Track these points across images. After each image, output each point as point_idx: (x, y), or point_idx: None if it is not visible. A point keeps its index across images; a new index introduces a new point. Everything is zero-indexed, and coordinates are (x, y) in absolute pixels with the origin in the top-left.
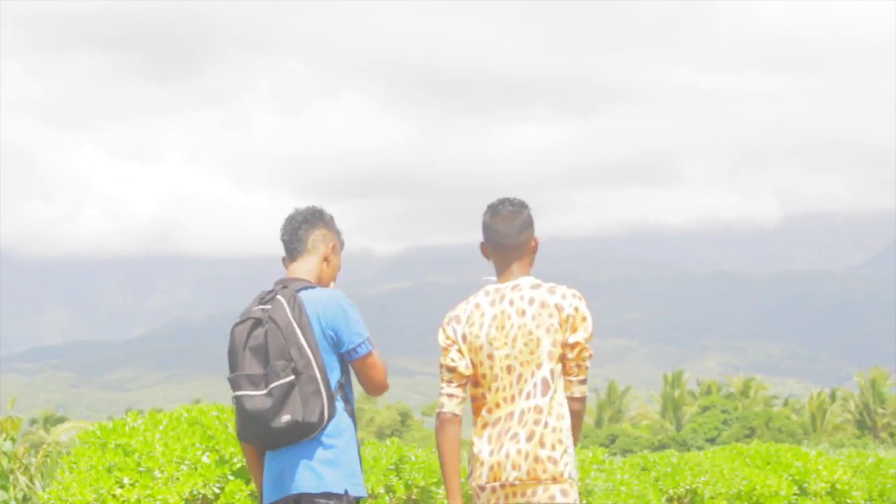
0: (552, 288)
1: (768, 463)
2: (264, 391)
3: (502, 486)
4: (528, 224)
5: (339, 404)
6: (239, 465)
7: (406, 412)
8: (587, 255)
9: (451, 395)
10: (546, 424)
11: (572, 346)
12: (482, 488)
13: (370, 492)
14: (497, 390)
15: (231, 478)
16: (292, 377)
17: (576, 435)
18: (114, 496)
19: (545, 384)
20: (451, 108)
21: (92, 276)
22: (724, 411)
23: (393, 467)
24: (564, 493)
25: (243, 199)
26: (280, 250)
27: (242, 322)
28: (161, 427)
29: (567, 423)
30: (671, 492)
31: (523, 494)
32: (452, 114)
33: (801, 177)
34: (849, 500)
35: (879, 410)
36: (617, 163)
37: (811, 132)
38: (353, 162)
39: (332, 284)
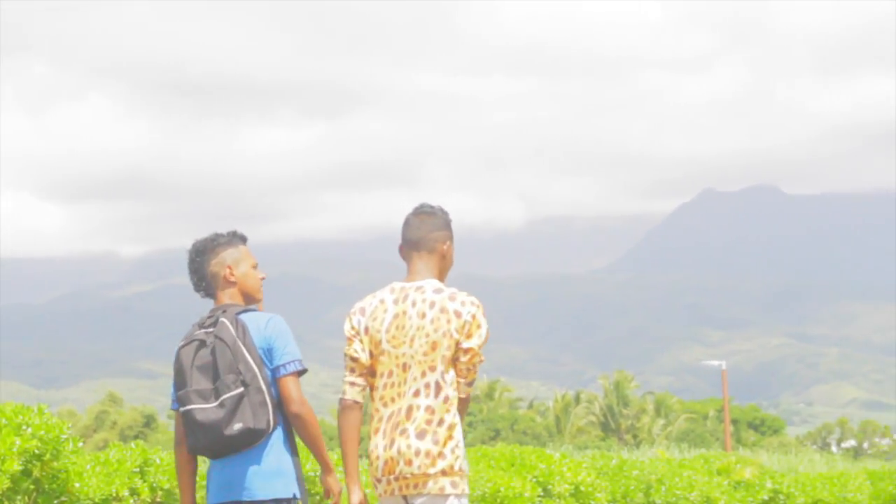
0: (453, 294)
1: (513, 465)
2: (215, 403)
3: (396, 479)
4: (442, 227)
5: (279, 415)
6: None
7: (151, 414)
8: (332, 258)
9: (352, 384)
10: (441, 422)
11: (465, 351)
12: (378, 480)
13: (114, 495)
14: (392, 385)
15: None
16: (242, 389)
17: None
18: None
19: (437, 386)
20: (196, 110)
21: None
22: (468, 414)
23: (137, 470)
24: (454, 484)
25: None
26: (14, 252)
27: (188, 344)
28: None
29: (458, 419)
30: None
31: (416, 486)
32: (197, 116)
33: (544, 181)
34: (592, 502)
35: (623, 412)
36: (362, 166)
37: (555, 137)
38: (97, 164)
39: (259, 293)
